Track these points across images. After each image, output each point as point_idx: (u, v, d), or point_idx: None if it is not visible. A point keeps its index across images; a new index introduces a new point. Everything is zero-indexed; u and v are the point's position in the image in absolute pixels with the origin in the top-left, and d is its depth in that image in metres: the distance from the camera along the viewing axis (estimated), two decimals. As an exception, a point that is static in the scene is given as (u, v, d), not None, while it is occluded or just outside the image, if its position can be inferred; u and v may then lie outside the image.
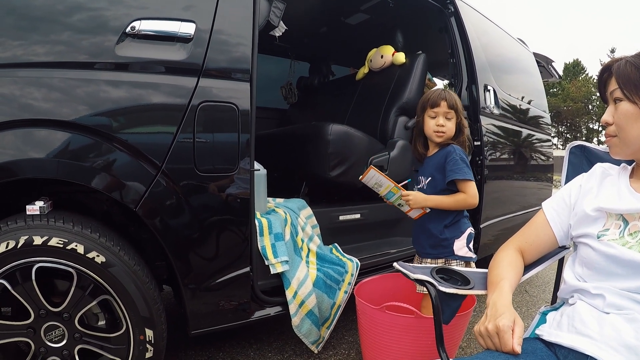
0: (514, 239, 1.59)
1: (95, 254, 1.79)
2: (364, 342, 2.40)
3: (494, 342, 1.19)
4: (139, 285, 1.88)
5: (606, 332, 1.18)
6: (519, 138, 4.09)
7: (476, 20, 3.80)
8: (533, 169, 4.43)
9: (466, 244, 2.38)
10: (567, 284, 1.41)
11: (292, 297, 2.39)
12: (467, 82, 3.47)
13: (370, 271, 2.96)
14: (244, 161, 2.10)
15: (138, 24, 1.89)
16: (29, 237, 1.71)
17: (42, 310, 1.80)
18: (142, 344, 1.92)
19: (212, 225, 2.07)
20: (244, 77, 2.11)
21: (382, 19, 4.30)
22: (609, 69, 1.37)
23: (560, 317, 1.37)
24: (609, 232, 1.32)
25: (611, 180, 1.44)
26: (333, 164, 3.12)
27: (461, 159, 2.31)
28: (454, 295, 1.47)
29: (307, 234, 2.82)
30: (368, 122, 3.71)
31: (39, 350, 1.83)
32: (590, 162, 1.74)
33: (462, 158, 2.31)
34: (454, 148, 2.34)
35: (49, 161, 1.75)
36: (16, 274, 1.75)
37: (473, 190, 2.32)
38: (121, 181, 1.85)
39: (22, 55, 1.73)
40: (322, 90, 5.07)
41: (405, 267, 1.58)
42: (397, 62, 3.88)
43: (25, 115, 1.71)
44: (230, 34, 2.10)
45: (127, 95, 1.86)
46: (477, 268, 1.72)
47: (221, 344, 2.79)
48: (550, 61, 5.46)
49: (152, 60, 1.92)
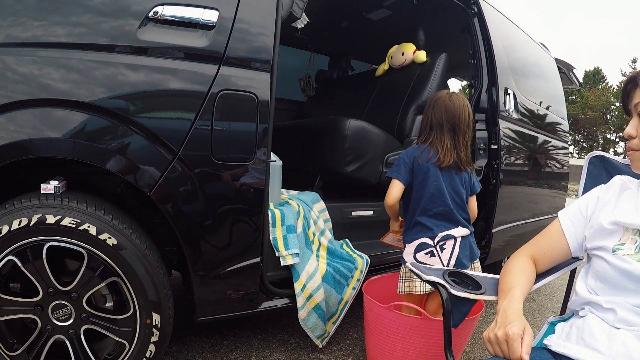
0: (528, 247, 1.58)
1: (107, 236, 1.79)
2: (369, 340, 2.40)
3: (502, 349, 1.18)
4: (149, 269, 1.89)
5: (615, 348, 1.17)
6: (535, 144, 4.05)
7: (499, 22, 3.75)
8: (548, 176, 4.39)
9: (414, 252, 2.32)
10: (579, 295, 1.40)
11: (301, 290, 2.39)
12: (487, 84, 3.44)
13: (379, 269, 2.95)
14: (261, 151, 2.10)
15: (161, 8, 1.88)
16: (42, 216, 1.72)
17: (51, 288, 1.81)
18: (148, 327, 1.93)
19: (225, 214, 2.07)
20: (264, 67, 2.10)
21: (404, 16, 4.27)
22: (634, 80, 1.35)
23: (570, 328, 1.36)
24: (625, 246, 1.31)
25: (630, 194, 1.42)
26: (349, 159, 3.11)
27: (398, 159, 2.38)
28: (465, 299, 1.47)
29: (319, 227, 2.82)
30: (386, 119, 3.69)
31: (45, 327, 1.84)
32: (609, 174, 1.72)
33: (398, 159, 2.38)
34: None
35: (65, 141, 1.75)
36: (27, 251, 1.76)
37: (390, 188, 2.33)
38: (137, 165, 1.85)
39: (43, 36, 1.73)
40: (340, 85, 5.04)
41: (418, 268, 1.58)
42: (418, 60, 3.85)
43: (44, 95, 1.71)
44: (252, 23, 2.09)
45: (146, 80, 1.86)
46: (488, 273, 1.71)
47: (226, 333, 2.80)
48: (571, 68, 5.41)
49: (173, 45, 1.92)
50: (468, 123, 2.36)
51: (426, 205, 2.29)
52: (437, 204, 2.28)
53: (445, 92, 2.41)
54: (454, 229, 2.29)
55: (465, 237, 2.32)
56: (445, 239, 2.27)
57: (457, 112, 2.32)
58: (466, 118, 2.35)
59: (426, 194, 2.29)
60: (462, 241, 2.30)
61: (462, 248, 2.29)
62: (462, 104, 2.35)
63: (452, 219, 2.30)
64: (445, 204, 2.28)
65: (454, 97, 2.36)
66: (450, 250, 2.27)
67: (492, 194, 3.37)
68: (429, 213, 2.29)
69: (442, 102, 2.35)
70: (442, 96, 2.38)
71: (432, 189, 2.28)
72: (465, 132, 2.35)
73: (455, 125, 2.32)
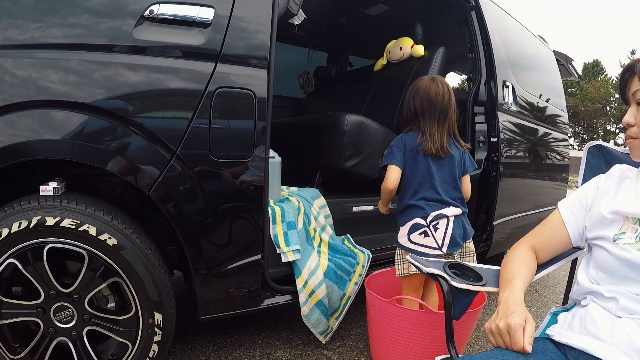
0: (528, 238, 1.58)
1: (107, 236, 1.79)
2: (372, 334, 2.40)
3: (504, 340, 1.18)
4: (150, 269, 1.89)
5: (617, 336, 1.17)
6: (535, 136, 4.05)
7: (497, 15, 3.75)
8: (548, 168, 4.40)
9: (407, 234, 2.34)
10: (581, 285, 1.40)
11: (303, 286, 2.39)
12: (485, 77, 3.44)
13: (381, 263, 2.95)
14: (259, 148, 2.09)
15: (157, 7, 1.88)
16: (41, 218, 1.72)
17: (53, 290, 1.81)
18: (150, 327, 1.93)
19: (225, 212, 2.07)
20: (261, 64, 2.10)
21: (402, 10, 4.27)
22: (631, 69, 1.35)
23: (572, 318, 1.36)
24: (625, 235, 1.31)
25: (629, 183, 1.42)
26: (348, 154, 3.10)
27: (388, 147, 2.41)
28: (466, 291, 1.46)
29: (319, 223, 2.82)
30: (385, 113, 3.68)
31: (48, 330, 1.85)
32: (609, 163, 1.72)
33: (389, 147, 2.41)
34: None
35: (64, 142, 1.75)
36: (28, 253, 1.76)
37: (387, 174, 2.36)
38: (135, 164, 1.85)
39: (40, 37, 1.73)
40: (339, 81, 5.04)
41: (418, 261, 1.58)
42: (416, 54, 3.84)
43: (42, 97, 1.72)
44: (249, 20, 2.09)
45: (143, 79, 1.86)
46: (490, 265, 1.70)
47: (230, 331, 2.80)
48: (569, 60, 5.41)
49: (169, 44, 1.91)
50: (449, 104, 2.38)
51: (417, 188, 2.33)
52: (426, 188, 2.32)
53: (426, 79, 2.43)
54: (445, 208, 2.31)
55: (458, 217, 2.34)
56: (437, 218, 2.30)
57: (439, 98, 2.35)
58: (447, 102, 2.37)
59: (416, 178, 2.33)
60: (455, 220, 2.32)
61: (455, 226, 2.32)
62: (442, 89, 2.37)
63: (442, 201, 2.32)
64: (434, 188, 2.32)
65: (434, 83, 2.40)
66: (444, 230, 2.30)
67: (492, 187, 3.37)
68: (418, 196, 2.33)
69: (424, 91, 2.38)
70: (423, 84, 2.40)
71: (421, 173, 2.33)
72: (448, 114, 2.38)
73: (439, 110, 2.36)
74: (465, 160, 2.45)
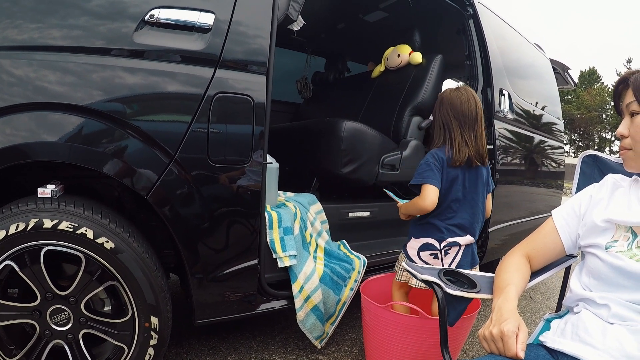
0: (522, 245, 1.59)
1: (104, 240, 1.80)
2: (368, 340, 2.41)
3: (497, 346, 1.19)
4: (147, 273, 1.89)
5: (609, 342, 1.18)
6: (531, 144, 4.08)
7: (494, 24, 3.78)
8: (544, 176, 4.41)
9: (418, 249, 2.31)
10: (573, 292, 1.41)
11: (298, 291, 2.40)
12: (482, 85, 3.46)
13: (377, 269, 2.96)
14: (257, 154, 2.10)
15: (157, 12, 1.89)
16: (39, 220, 1.72)
17: (49, 293, 1.81)
18: (147, 331, 1.93)
19: (222, 216, 2.08)
20: (260, 70, 2.11)
21: (400, 18, 4.29)
22: (625, 81, 1.37)
23: (565, 325, 1.37)
24: (617, 243, 1.32)
25: (622, 192, 1.44)
26: (345, 160, 3.11)
27: (425, 162, 2.26)
28: (460, 298, 1.48)
29: (316, 229, 2.82)
30: (382, 120, 3.70)
31: (44, 332, 1.84)
32: (602, 172, 1.73)
33: (426, 162, 2.26)
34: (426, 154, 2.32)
35: (61, 145, 1.75)
36: (25, 256, 1.76)
37: (425, 193, 2.21)
38: (133, 168, 1.86)
39: (39, 39, 1.74)
40: (337, 87, 5.05)
41: (413, 267, 1.59)
42: (413, 61, 3.86)
43: (40, 98, 1.72)
44: (249, 26, 2.10)
45: (143, 83, 1.87)
46: (484, 272, 1.72)
47: (225, 335, 2.80)
48: (566, 68, 5.44)
49: (169, 49, 1.92)
50: (476, 112, 2.28)
51: (443, 210, 2.26)
52: (451, 211, 2.26)
53: (449, 90, 2.36)
54: (462, 236, 2.26)
55: (469, 245, 2.30)
56: (451, 245, 2.25)
57: (462, 106, 2.27)
58: (473, 109, 2.28)
59: (447, 200, 2.26)
60: (466, 248, 2.29)
61: (464, 255, 2.28)
62: (467, 96, 2.29)
63: (462, 227, 2.27)
64: (458, 212, 2.26)
65: (457, 91, 2.33)
66: (453, 256, 2.27)
67: (488, 194, 3.38)
68: (441, 217, 2.27)
69: (447, 100, 2.31)
70: (446, 94, 2.34)
71: (454, 195, 2.25)
72: (474, 123, 2.28)
73: (463, 118, 2.26)
74: (490, 179, 2.41)
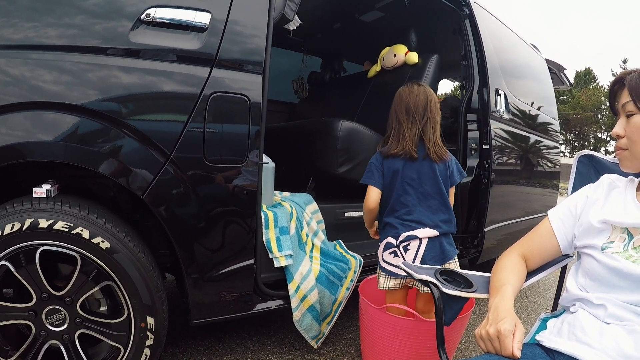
0: (518, 245, 1.59)
1: (100, 240, 1.79)
2: (364, 340, 2.41)
3: (494, 345, 1.19)
4: (143, 273, 1.89)
5: (606, 342, 1.18)
6: (527, 144, 4.08)
7: (490, 24, 3.78)
8: (539, 176, 4.41)
9: (382, 251, 2.30)
10: (570, 292, 1.41)
11: (295, 291, 2.40)
12: (478, 85, 3.46)
13: (373, 269, 2.94)
14: (253, 153, 2.10)
15: (153, 11, 1.88)
16: (34, 220, 1.71)
17: (45, 293, 1.81)
18: (143, 331, 1.93)
19: (218, 216, 2.07)
20: (256, 69, 2.11)
21: (396, 17, 4.29)
22: (621, 81, 1.37)
23: (561, 324, 1.38)
24: (614, 244, 1.32)
25: (618, 193, 1.44)
26: (341, 160, 3.12)
27: (369, 163, 2.31)
28: (457, 298, 1.48)
29: (312, 229, 2.82)
30: (378, 120, 3.67)
31: (40, 333, 1.84)
32: (598, 172, 1.73)
33: (369, 163, 2.32)
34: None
35: (57, 144, 1.74)
36: (20, 256, 1.75)
37: (367, 194, 2.29)
38: (129, 168, 1.85)
39: (35, 38, 1.73)
40: (333, 86, 5.06)
41: (410, 267, 1.59)
42: (409, 61, 3.87)
43: (35, 98, 1.71)
44: (245, 25, 2.10)
45: (139, 82, 1.86)
46: (480, 272, 1.72)
47: (221, 335, 2.80)
48: (562, 68, 5.45)
49: (165, 48, 1.92)
50: (425, 107, 2.24)
51: (394, 206, 2.26)
52: (401, 205, 2.24)
53: (404, 86, 2.34)
54: (418, 229, 2.21)
55: (434, 238, 2.23)
56: (408, 239, 2.21)
57: (411, 99, 2.24)
58: (422, 102, 2.24)
59: (394, 195, 2.26)
60: (430, 242, 2.22)
61: (428, 249, 2.21)
62: (417, 92, 2.26)
63: (421, 222, 2.22)
64: (409, 206, 2.24)
65: (408, 87, 2.31)
66: (414, 252, 2.21)
67: (484, 194, 3.39)
68: (395, 214, 2.26)
69: (399, 95, 2.30)
70: (400, 91, 2.32)
71: (399, 190, 2.24)
72: (424, 115, 2.24)
73: (412, 111, 2.23)
74: (452, 171, 2.32)
